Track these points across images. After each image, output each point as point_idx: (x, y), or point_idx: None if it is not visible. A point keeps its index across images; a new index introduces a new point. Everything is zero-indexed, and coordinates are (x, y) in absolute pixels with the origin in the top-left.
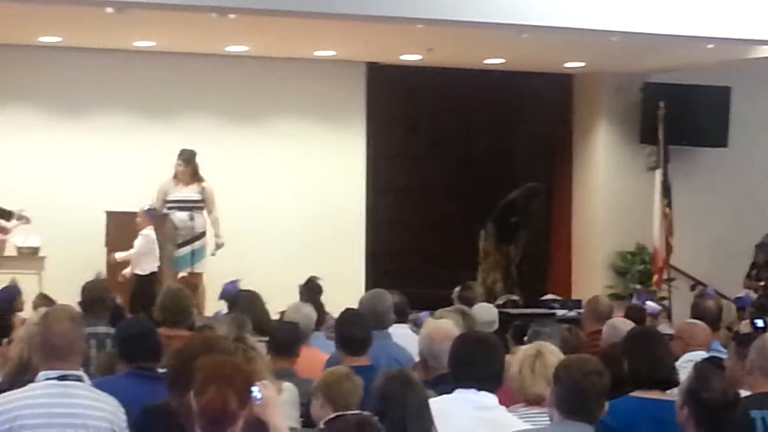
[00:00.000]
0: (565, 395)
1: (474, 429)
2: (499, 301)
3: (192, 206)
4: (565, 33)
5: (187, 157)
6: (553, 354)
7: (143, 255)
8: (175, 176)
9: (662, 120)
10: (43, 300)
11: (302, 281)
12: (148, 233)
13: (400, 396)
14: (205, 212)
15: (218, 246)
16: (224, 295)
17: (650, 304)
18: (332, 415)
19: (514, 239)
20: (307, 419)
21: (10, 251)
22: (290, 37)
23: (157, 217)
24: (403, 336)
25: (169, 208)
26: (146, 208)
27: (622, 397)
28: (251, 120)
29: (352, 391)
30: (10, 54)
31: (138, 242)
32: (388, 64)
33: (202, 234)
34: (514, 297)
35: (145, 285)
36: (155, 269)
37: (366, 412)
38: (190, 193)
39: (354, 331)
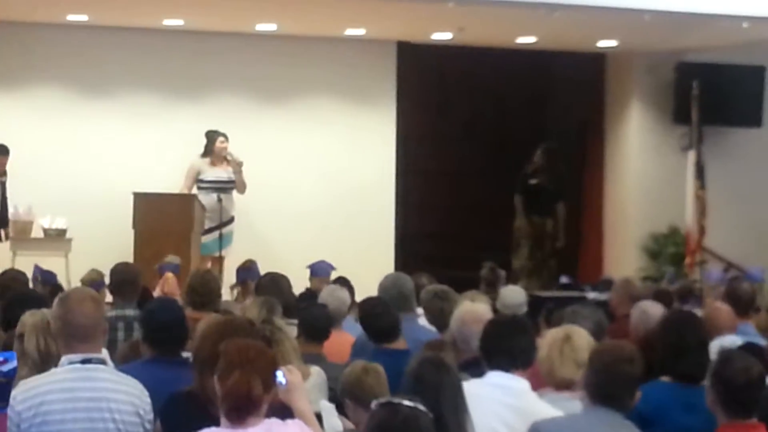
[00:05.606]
0: (595, 380)
1: (503, 415)
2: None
3: (224, 187)
4: (598, 11)
5: (225, 136)
6: (582, 337)
7: None
8: (213, 155)
9: (696, 100)
10: (94, 275)
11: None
12: None
13: (434, 380)
14: (233, 193)
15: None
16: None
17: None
18: (383, 400)
19: (545, 208)
20: (335, 403)
21: (36, 233)
22: (320, 16)
23: None
24: None
25: (201, 188)
26: None
27: (653, 382)
28: (280, 99)
29: (375, 383)
30: (37, 32)
31: None
32: (419, 43)
33: (231, 219)
34: (566, 279)
35: None
36: None
37: (421, 406)
38: (224, 173)
39: (382, 322)
